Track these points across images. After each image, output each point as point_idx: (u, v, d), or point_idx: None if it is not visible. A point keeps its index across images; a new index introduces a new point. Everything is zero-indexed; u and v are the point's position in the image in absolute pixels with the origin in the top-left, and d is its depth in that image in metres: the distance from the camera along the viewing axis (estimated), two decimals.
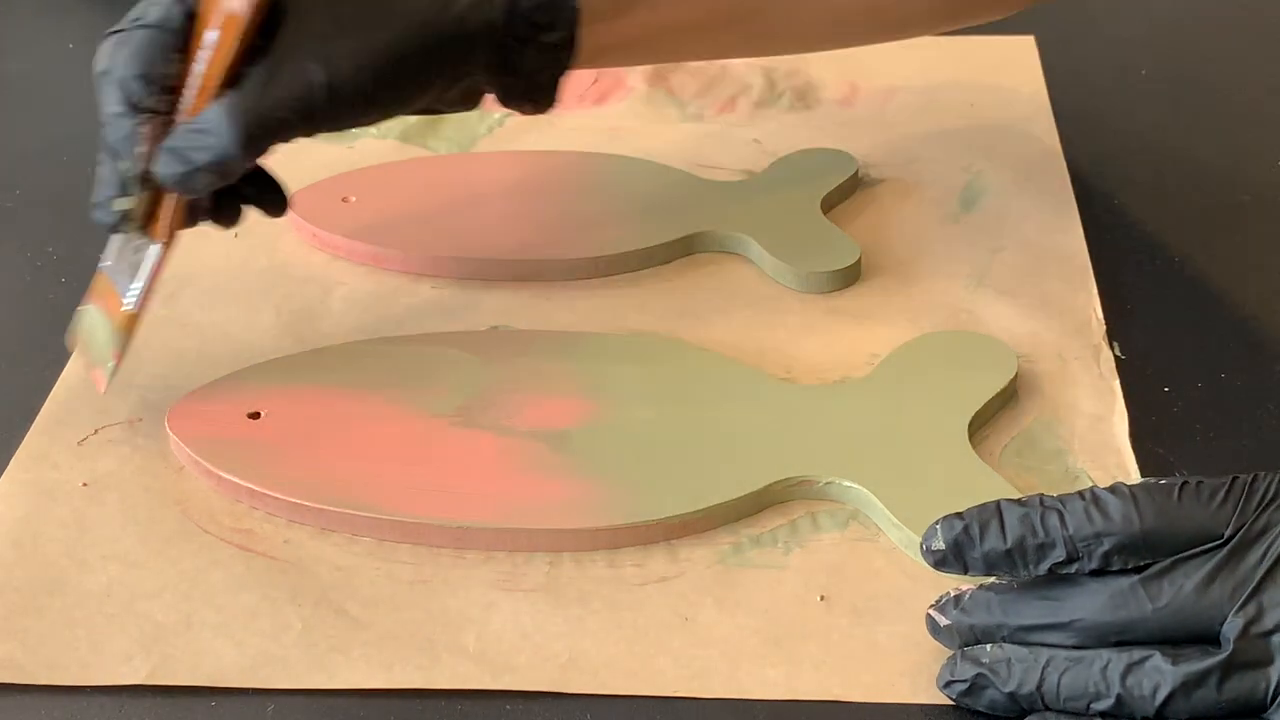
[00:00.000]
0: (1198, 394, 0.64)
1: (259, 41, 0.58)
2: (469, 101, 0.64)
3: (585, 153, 0.79)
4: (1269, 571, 0.48)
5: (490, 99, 0.64)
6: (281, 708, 0.52)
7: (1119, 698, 0.48)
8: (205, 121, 0.58)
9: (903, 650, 0.53)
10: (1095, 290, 0.69)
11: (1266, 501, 0.49)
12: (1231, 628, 0.47)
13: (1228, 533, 0.48)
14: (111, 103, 0.59)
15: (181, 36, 0.59)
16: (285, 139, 0.59)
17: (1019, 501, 0.50)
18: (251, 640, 0.53)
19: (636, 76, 0.86)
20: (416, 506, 0.57)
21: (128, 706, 0.52)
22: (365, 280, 0.71)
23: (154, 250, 0.61)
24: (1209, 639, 0.48)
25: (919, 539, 0.51)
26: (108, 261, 0.62)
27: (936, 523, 0.50)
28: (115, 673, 0.52)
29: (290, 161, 0.78)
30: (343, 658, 0.53)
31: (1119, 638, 0.48)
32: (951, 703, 0.51)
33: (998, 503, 0.50)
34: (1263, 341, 0.67)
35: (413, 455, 0.60)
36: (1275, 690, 0.47)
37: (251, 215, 0.74)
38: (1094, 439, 0.61)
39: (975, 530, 0.50)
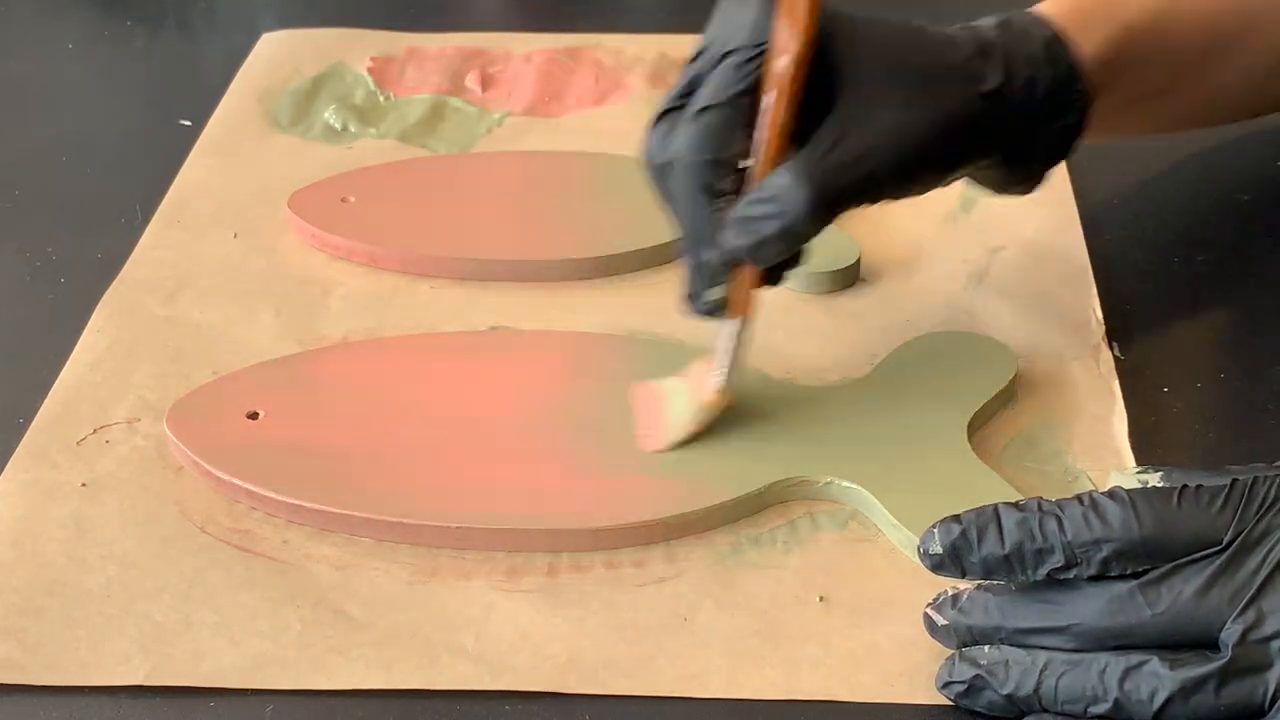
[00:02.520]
0: (1198, 394, 0.64)
1: (809, 95, 0.57)
2: (981, 178, 0.63)
3: (585, 153, 0.79)
4: (1268, 577, 0.47)
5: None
6: (280, 708, 0.52)
7: (1117, 702, 0.48)
8: (774, 189, 0.56)
9: (902, 651, 0.53)
10: (1095, 290, 0.69)
11: (1266, 506, 0.48)
12: (1230, 633, 0.47)
13: (1227, 538, 0.48)
14: (687, 192, 0.57)
15: (747, 113, 0.57)
16: (849, 208, 0.57)
17: (1017, 505, 0.50)
18: (250, 640, 0.53)
19: (636, 77, 0.86)
20: (416, 506, 0.57)
21: (126, 707, 0.52)
22: (365, 280, 0.71)
23: (735, 327, 0.59)
24: (1208, 644, 0.48)
25: (918, 539, 0.51)
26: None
27: (934, 526, 0.50)
28: (114, 673, 0.52)
29: (290, 162, 0.79)
30: (342, 658, 0.53)
31: (1117, 642, 0.48)
32: (950, 703, 0.51)
33: (996, 507, 0.50)
34: (1263, 341, 0.67)
35: (412, 455, 0.60)
36: (1274, 696, 0.47)
37: (253, 216, 0.75)
38: (1093, 439, 0.61)
39: (973, 535, 0.50)
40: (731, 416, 0.61)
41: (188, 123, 0.83)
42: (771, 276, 0.60)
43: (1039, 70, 0.60)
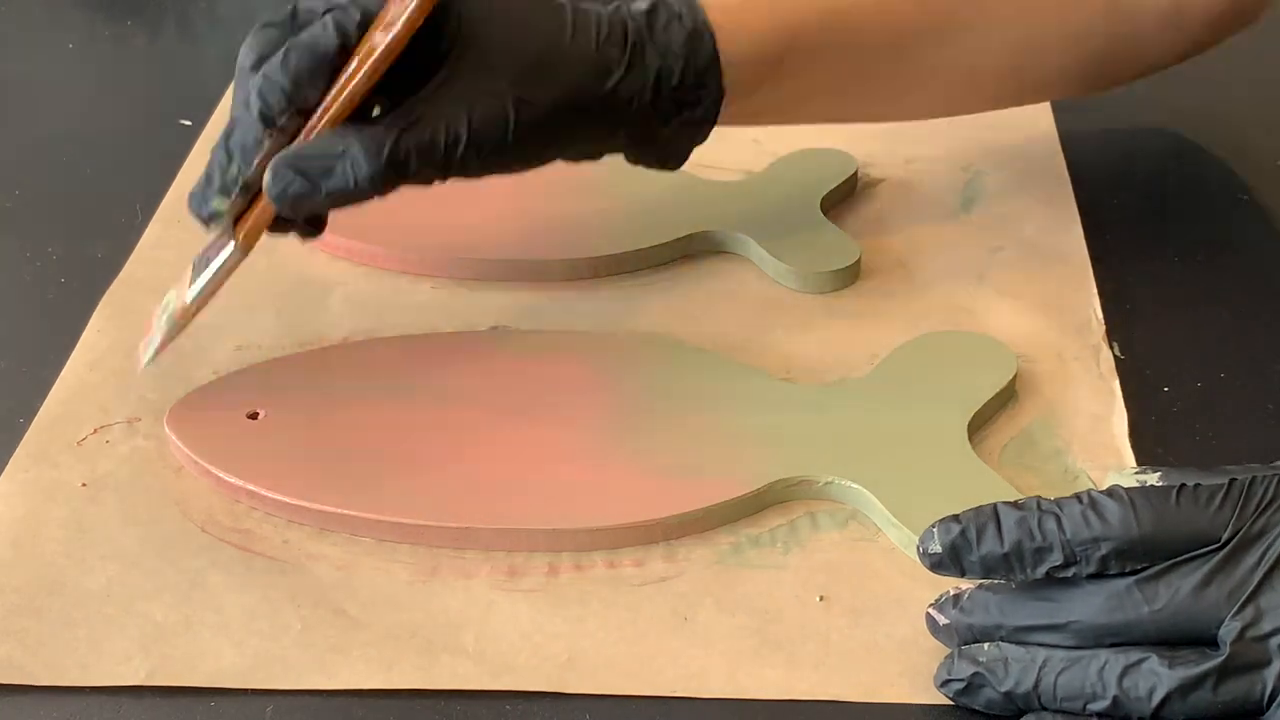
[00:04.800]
0: (1198, 394, 0.64)
1: (409, 55, 0.57)
2: (593, 158, 0.64)
3: None
4: (1266, 575, 0.48)
5: None
6: (281, 708, 0.52)
7: (1115, 699, 0.48)
8: (340, 147, 0.57)
9: (902, 650, 0.53)
10: (1095, 290, 0.69)
11: (1264, 504, 0.48)
12: (1228, 631, 0.47)
13: (1225, 536, 0.48)
14: (248, 105, 0.58)
15: (335, 64, 0.58)
16: (415, 182, 0.58)
17: (1016, 504, 0.50)
18: (250, 640, 0.53)
19: None
20: (416, 506, 0.57)
21: (126, 707, 0.52)
22: (365, 280, 0.71)
23: (228, 251, 0.60)
24: (1206, 641, 0.48)
25: (918, 539, 0.51)
26: (198, 252, 0.61)
27: (933, 526, 0.50)
28: (114, 673, 0.52)
29: None
30: (342, 658, 0.53)
31: (1116, 639, 0.48)
32: (951, 703, 0.51)
33: (994, 506, 0.50)
34: (1263, 341, 0.67)
35: (412, 455, 0.60)
36: (1272, 693, 0.47)
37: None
38: (1093, 439, 0.61)
39: (972, 534, 0.50)
40: (732, 416, 0.61)
41: (188, 123, 0.83)
42: (279, 226, 0.60)
43: (675, 63, 0.61)
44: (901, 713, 0.51)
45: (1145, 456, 0.60)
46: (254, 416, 0.61)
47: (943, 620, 0.51)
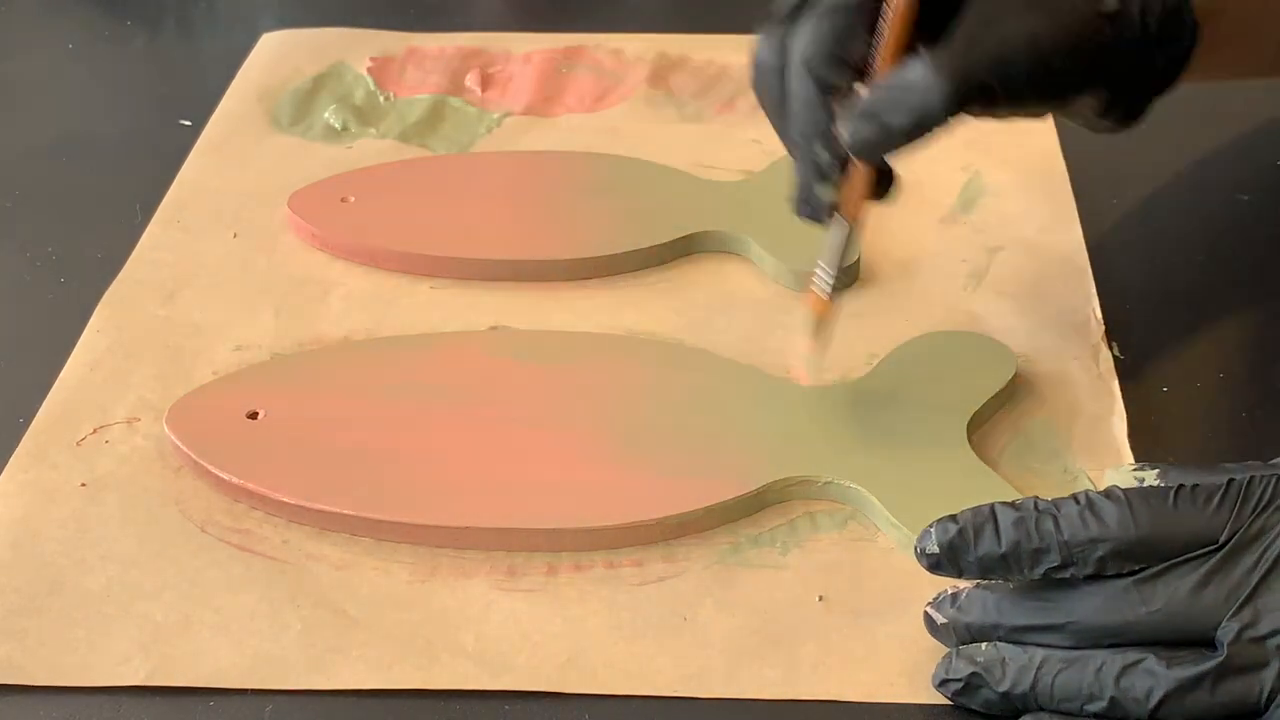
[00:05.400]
0: (1197, 394, 0.64)
1: (929, 6, 0.57)
2: (1065, 106, 0.62)
3: (585, 153, 0.79)
4: (1264, 576, 0.48)
5: None
6: (280, 708, 0.52)
7: (1113, 700, 0.48)
8: (906, 80, 0.56)
9: (901, 650, 0.53)
10: (1094, 290, 0.69)
11: (1262, 506, 0.49)
12: (1226, 632, 0.47)
13: (1223, 537, 0.48)
14: (806, 88, 0.57)
15: (870, 17, 0.57)
16: (979, 107, 0.57)
17: (1014, 505, 0.50)
18: (250, 640, 0.53)
19: (636, 77, 0.86)
20: (416, 506, 0.57)
21: (126, 707, 0.52)
22: (365, 280, 0.71)
23: (844, 231, 0.60)
24: (1204, 642, 0.48)
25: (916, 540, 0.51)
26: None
27: (931, 526, 0.50)
28: (114, 673, 0.52)
29: (290, 162, 0.79)
30: (341, 658, 0.53)
31: (1113, 640, 0.48)
32: (949, 703, 0.51)
33: (992, 506, 0.50)
34: (1263, 341, 0.67)
35: (412, 455, 0.60)
36: (1270, 694, 0.47)
37: (253, 216, 0.75)
38: (1093, 439, 0.61)
39: (970, 534, 0.50)
40: (732, 416, 0.61)
41: (188, 123, 0.83)
42: (881, 188, 0.60)
43: None
44: (900, 713, 0.51)
45: (1145, 456, 0.60)
46: (254, 416, 0.61)
47: (940, 619, 0.51)
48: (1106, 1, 0.58)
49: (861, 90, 0.57)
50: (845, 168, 0.58)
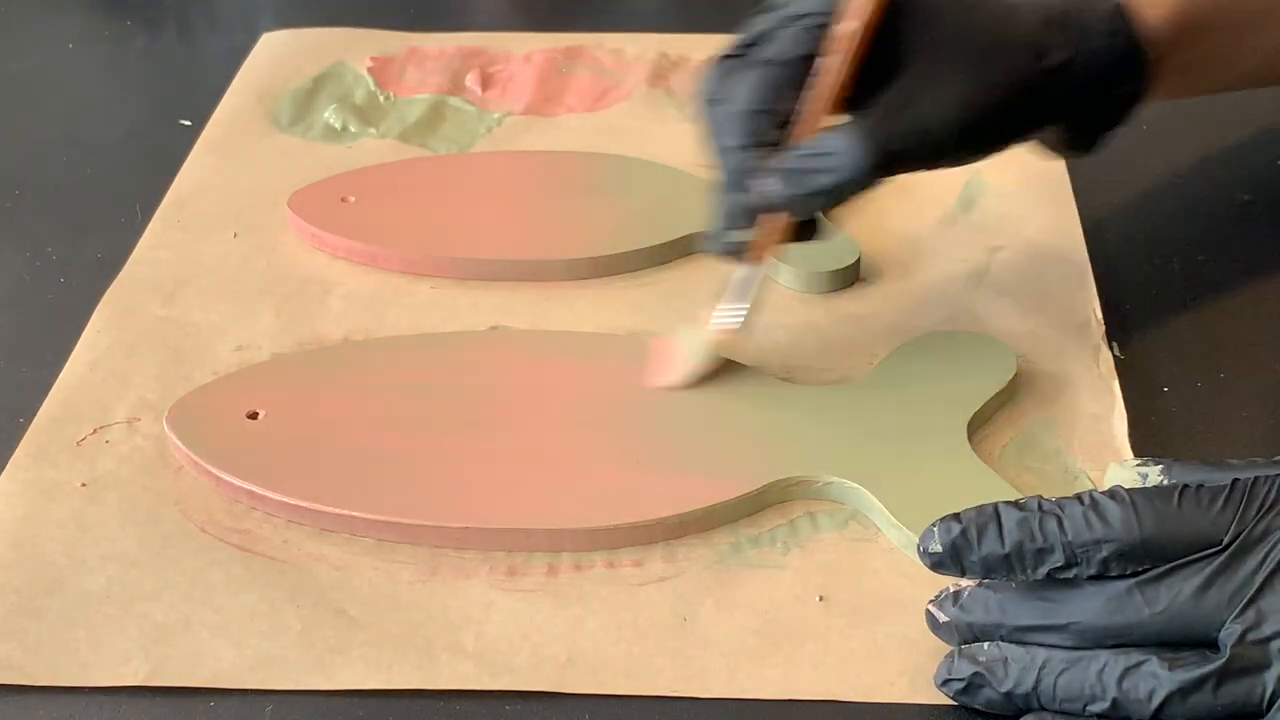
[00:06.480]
0: (1197, 394, 0.64)
1: (863, 72, 0.58)
2: (1024, 141, 0.63)
3: (585, 153, 0.79)
4: (1268, 578, 0.47)
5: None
6: (280, 708, 0.52)
7: (1115, 701, 0.48)
8: (830, 145, 0.57)
9: (902, 650, 0.53)
10: (1094, 290, 0.69)
11: (1266, 507, 0.48)
12: (1229, 633, 0.47)
13: (1227, 538, 0.48)
14: (730, 135, 0.59)
15: (803, 72, 0.59)
16: (901, 171, 0.59)
17: (1017, 505, 0.50)
18: (250, 641, 0.53)
19: (636, 77, 0.86)
20: (416, 506, 0.57)
21: (126, 707, 0.52)
22: (365, 280, 0.71)
23: (757, 274, 0.61)
24: (1206, 644, 0.48)
25: (918, 539, 0.51)
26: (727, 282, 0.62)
27: (933, 525, 0.50)
28: (114, 673, 0.52)
29: (290, 162, 0.79)
30: (341, 658, 0.53)
31: (1116, 641, 0.48)
32: (951, 703, 0.51)
33: (996, 506, 0.50)
34: (1263, 341, 0.67)
35: (412, 455, 0.60)
36: (1272, 696, 0.47)
37: (253, 216, 0.75)
38: (1093, 439, 0.61)
39: (973, 534, 0.50)
40: (732, 416, 0.61)
41: (188, 123, 0.83)
42: (804, 232, 0.61)
43: (1102, 41, 0.61)
44: (901, 713, 0.51)
45: (1145, 456, 0.60)
46: (254, 416, 0.61)
47: (942, 617, 0.51)
48: (1049, 56, 0.59)
49: (788, 147, 0.58)
50: (758, 215, 0.60)
